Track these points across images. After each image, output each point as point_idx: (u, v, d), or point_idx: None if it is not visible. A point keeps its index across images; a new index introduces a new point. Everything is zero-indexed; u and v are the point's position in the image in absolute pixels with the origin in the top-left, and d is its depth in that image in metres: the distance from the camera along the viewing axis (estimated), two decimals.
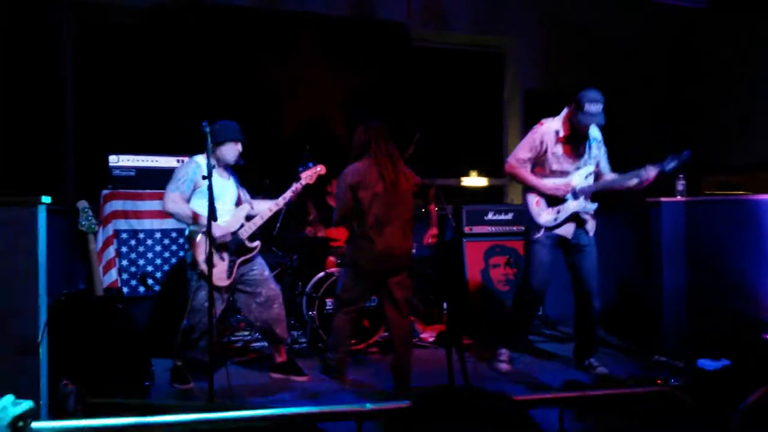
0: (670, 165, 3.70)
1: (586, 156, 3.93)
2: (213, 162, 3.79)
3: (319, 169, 4.07)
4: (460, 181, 6.60)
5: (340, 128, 6.13)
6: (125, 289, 4.57)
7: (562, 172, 3.91)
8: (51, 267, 3.13)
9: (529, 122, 4.23)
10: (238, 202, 4.03)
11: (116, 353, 3.41)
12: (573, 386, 3.49)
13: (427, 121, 5.36)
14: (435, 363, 4.42)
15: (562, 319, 5.51)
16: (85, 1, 5.33)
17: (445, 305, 5.42)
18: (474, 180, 6.62)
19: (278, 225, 4.86)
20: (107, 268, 4.54)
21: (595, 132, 3.98)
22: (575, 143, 3.89)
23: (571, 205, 3.91)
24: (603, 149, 4.06)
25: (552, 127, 3.88)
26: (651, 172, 3.70)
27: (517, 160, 3.97)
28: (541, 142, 3.87)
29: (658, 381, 3.68)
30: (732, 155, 5.76)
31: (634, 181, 3.79)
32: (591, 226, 4.02)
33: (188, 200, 3.79)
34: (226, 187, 3.93)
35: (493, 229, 5.52)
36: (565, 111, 3.93)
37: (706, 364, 3.84)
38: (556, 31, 6.51)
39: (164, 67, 5.43)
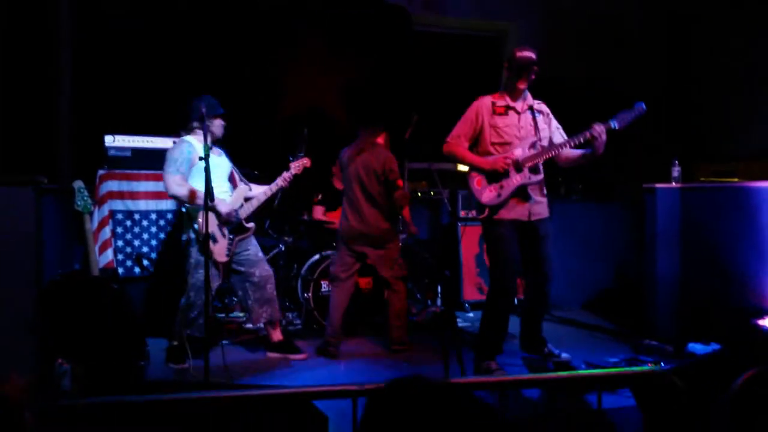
0: (623, 120, 3.41)
1: (527, 125, 3.64)
2: (202, 139, 3.79)
3: (305, 161, 4.19)
4: (456, 166, 6.59)
5: (339, 112, 6.11)
6: (120, 270, 4.58)
7: (502, 144, 3.60)
8: (47, 247, 3.14)
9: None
10: (231, 178, 4.06)
11: (111, 333, 3.42)
12: (563, 367, 3.54)
13: (426, 105, 5.35)
14: (429, 345, 4.45)
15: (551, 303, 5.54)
16: None
17: (439, 289, 5.45)
18: None
19: (277, 201, 4.87)
20: (103, 249, 4.54)
21: (539, 106, 3.75)
22: (515, 113, 3.64)
23: (514, 179, 3.54)
24: (555, 124, 3.78)
25: (488, 98, 3.68)
26: (597, 129, 3.38)
27: (452, 136, 3.70)
28: (477, 115, 3.63)
29: (648, 365, 3.72)
30: (727, 144, 5.76)
31: (583, 148, 3.53)
32: (537, 209, 3.66)
33: (187, 180, 3.81)
34: (217, 162, 3.94)
35: None
36: (501, 86, 3.78)
37: (697, 348, 3.89)
38: (555, 16, 6.47)
39: (162, 47, 5.39)
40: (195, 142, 3.87)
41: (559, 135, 3.77)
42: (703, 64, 6.07)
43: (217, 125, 3.92)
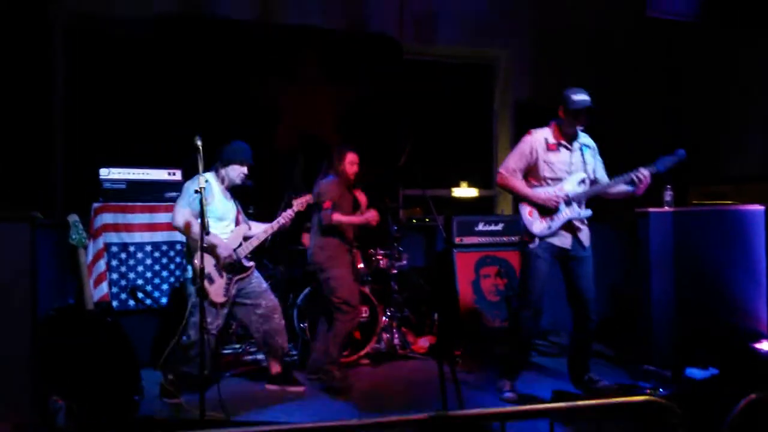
0: (665, 164, 3.69)
1: (578, 162, 3.90)
2: (219, 181, 3.95)
3: (308, 198, 4.20)
4: (450, 192, 6.63)
5: (334, 140, 6.15)
6: (115, 303, 4.56)
7: (554, 179, 3.86)
8: (41, 282, 3.12)
9: (520, 133, 4.26)
10: (236, 220, 4.07)
11: (106, 368, 3.39)
12: (562, 397, 3.52)
13: (418, 132, 5.39)
14: (426, 374, 4.43)
15: (552, 329, 5.54)
16: (77, 12, 5.32)
17: (436, 316, 5.43)
18: (464, 191, 6.66)
19: (269, 238, 4.87)
20: (98, 282, 4.52)
21: (587, 140, 3.99)
22: (566, 150, 3.88)
23: (564, 213, 3.82)
24: (598, 158, 4.03)
25: (542, 134, 3.89)
26: (644, 172, 3.67)
27: (508, 170, 3.92)
28: (531, 150, 3.85)
29: (647, 391, 3.71)
30: (720, 166, 5.82)
31: (627, 185, 3.78)
32: (585, 235, 3.94)
33: (197, 216, 3.80)
34: (228, 207, 3.99)
35: (484, 239, 5.54)
36: (552, 122, 3.97)
37: (695, 373, 3.88)
38: (546, 41, 6.57)
39: (157, 78, 5.42)
40: (211, 179, 3.91)
41: (600, 170, 4.02)
42: (698, 86, 6.15)
43: (235, 171, 3.94)
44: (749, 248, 4.25)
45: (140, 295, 4.65)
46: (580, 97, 3.76)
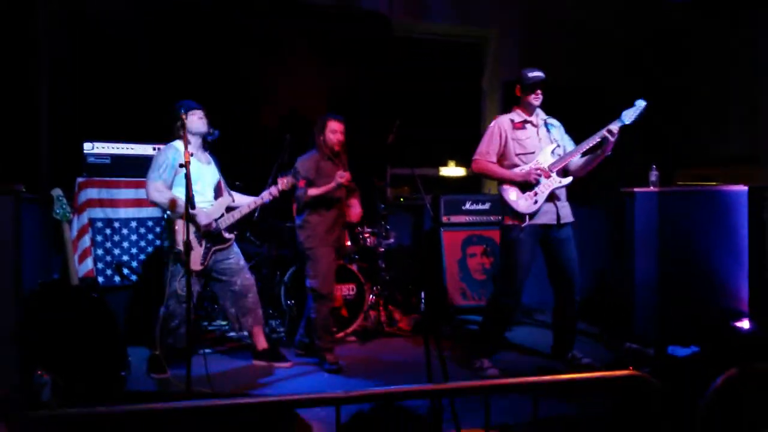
0: (630, 116, 3.72)
1: (545, 136, 3.95)
2: (190, 139, 3.78)
3: (292, 180, 4.12)
4: (438, 171, 6.63)
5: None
6: (100, 279, 4.53)
7: (526, 154, 3.90)
8: (26, 256, 3.09)
9: (508, 112, 4.27)
10: (218, 188, 4.02)
11: (92, 343, 3.39)
12: (545, 372, 3.56)
13: (407, 110, 5.37)
14: (413, 351, 4.47)
15: (538, 307, 5.59)
16: None
17: (422, 294, 5.46)
18: (452, 170, 6.66)
19: (257, 213, 4.85)
20: (83, 258, 4.49)
21: (551, 120, 4.04)
22: (532, 126, 3.96)
23: (546, 184, 3.84)
24: (566, 137, 4.06)
25: (506, 117, 4.00)
26: (612, 127, 3.70)
27: (481, 153, 3.96)
28: (500, 132, 3.94)
29: (630, 367, 3.76)
30: (706, 148, 5.86)
31: (595, 149, 3.80)
32: (566, 211, 3.95)
33: (170, 187, 3.77)
34: (204, 171, 3.93)
35: (471, 218, 5.56)
36: (514, 106, 4.05)
37: (677, 351, 3.94)
38: (537, 23, 6.53)
39: (142, 54, 5.35)
40: (182, 147, 3.80)
41: (571, 144, 4.02)
42: (685, 69, 6.16)
43: (196, 120, 3.86)
44: (732, 228, 4.30)
45: (126, 271, 4.63)
46: (534, 73, 3.88)
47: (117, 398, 3.34)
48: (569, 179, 3.90)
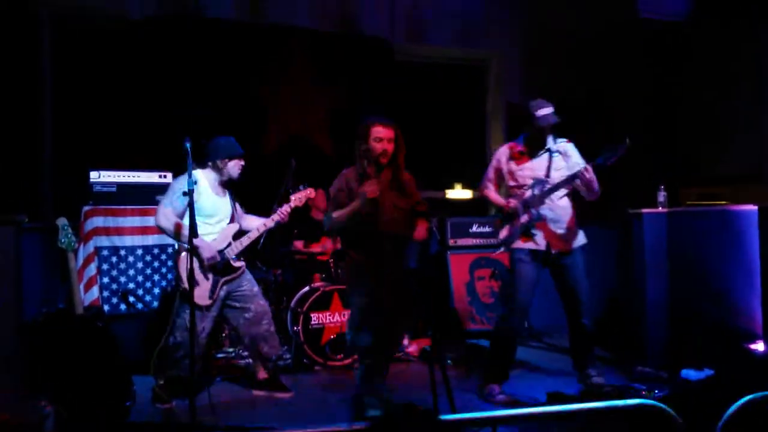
0: (606, 157, 3.58)
1: (542, 168, 3.87)
2: (216, 176, 3.84)
3: (309, 192, 4.08)
4: (444, 194, 6.60)
5: (325, 142, 6.12)
6: (106, 307, 4.52)
7: (519, 187, 3.93)
8: (30, 286, 3.08)
9: (512, 134, 4.29)
10: (232, 219, 3.97)
11: (97, 373, 3.35)
12: (556, 399, 3.49)
13: (411, 134, 5.35)
14: (419, 377, 4.40)
15: (546, 331, 5.52)
16: (66, 12, 5.28)
17: (429, 319, 5.39)
18: (458, 192, 6.63)
19: (262, 240, 4.83)
20: (88, 286, 4.48)
21: (559, 146, 3.95)
22: (532, 158, 3.91)
23: (521, 219, 3.84)
24: (576, 160, 3.92)
25: (508, 145, 4.05)
26: (586, 166, 3.64)
27: (483, 180, 4.15)
28: (498, 162, 4.03)
29: (643, 393, 3.69)
30: (712, 166, 5.82)
31: (576, 181, 3.72)
32: (568, 237, 3.88)
33: (181, 215, 3.74)
34: (220, 204, 3.87)
35: (478, 241, 5.53)
36: (522, 134, 4.04)
37: (690, 374, 3.87)
38: (539, 43, 6.57)
39: (147, 80, 5.39)
40: (201, 177, 3.79)
41: (578, 167, 3.87)
42: (690, 87, 6.15)
43: (232, 166, 3.83)
44: (743, 248, 4.24)
45: (131, 299, 4.61)
46: (544, 112, 3.79)
47: (121, 429, 3.30)
48: (552, 213, 3.84)
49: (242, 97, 5.74)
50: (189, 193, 3.22)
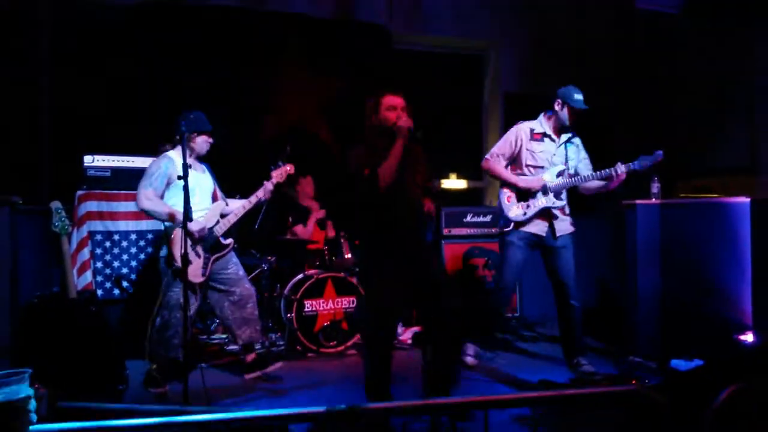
0: (642, 164, 3.77)
1: (561, 155, 4.07)
2: (189, 153, 3.77)
3: (288, 168, 4.06)
4: (439, 183, 6.61)
5: (321, 129, 6.11)
6: (99, 292, 4.51)
7: (535, 167, 4.05)
8: (25, 269, 3.07)
9: (509, 125, 4.29)
10: (214, 196, 3.98)
11: (90, 357, 3.36)
12: (547, 386, 3.52)
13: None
14: (413, 364, 4.42)
15: (539, 320, 5.56)
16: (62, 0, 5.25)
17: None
18: (454, 182, 6.64)
19: (257, 226, 4.84)
20: (82, 270, 4.47)
21: (573, 139, 4.14)
22: (551, 141, 4.07)
23: (540, 201, 4.01)
24: (583, 154, 4.18)
25: (528, 125, 4.10)
26: (620, 169, 3.80)
27: (492, 155, 4.16)
28: (517, 139, 4.06)
29: (634, 381, 3.72)
30: (706, 159, 5.84)
31: (603, 181, 3.92)
32: (563, 225, 4.08)
33: (161, 196, 3.73)
34: (201, 180, 3.88)
35: (472, 231, 5.54)
36: (542, 114, 4.13)
37: (680, 364, 3.90)
38: (537, 34, 6.56)
39: (143, 66, 5.37)
40: (176, 157, 3.76)
41: (584, 166, 4.17)
42: (685, 80, 6.16)
43: (201, 142, 3.82)
44: (735, 240, 4.28)
45: (125, 283, 4.61)
46: (580, 97, 3.96)
47: (113, 412, 3.31)
48: (563, 202, 4.07)
49: (239, 84, 5.72)
50: (183, 177, 3.20)
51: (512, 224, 4.04)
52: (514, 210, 4.04)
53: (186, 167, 3.23)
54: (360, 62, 6.03)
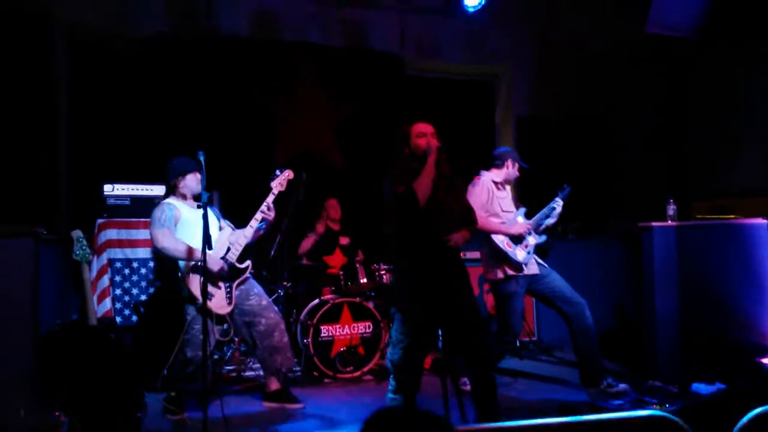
0: (563, 195, 4.29)
1: (514, 200, 4.43)
2: (180, 197, 3.89)
3: (287, 173, 4.03)
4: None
5: (335, 156, 6.18)
6: (119, 319, 4.56)
7: (510, 211, 4.28)
8: (45, 297, 3.12)
9: (522, 148, 4.35)
10: (220, 228, 4.01)
11: (109, 384, 3.38)
12: (567, 410, 3.50)
13: None
14: (430, 389, 4.39)
15: (557, 344, 5.51)
16: (80, 29, 5.37)
17: (439, 331, 5.39)
18: None
19: (273, 251, 4.87)
20: (101, 298, 4.53)
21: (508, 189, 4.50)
22: (504, 190, 4.38)
23: (531, 239, 4.22)
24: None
25: (489, 177, 4.32)
26: (558, 202, 4.27)
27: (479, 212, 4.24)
28: (488, 191, 4.24)
29: (655, 406, 3.68)
30: (723, 180, 5.82)
31: (547, 213, 4.29)
32: (540, 258, 4.32)
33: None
34: (200, 218, 3.90)
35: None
36: (492, 168, 4.37)
37: (701, 388, 3.85)
38: (548, 58, 6.61)
39: (160, 95, 5.48)
40: (175, 202, 3.86)
41: None
42: (699, 101, 6.17)
43: (190, 181, 3.88)
44: (753, 262, 4.24)
45: (143, 310, 4.64)
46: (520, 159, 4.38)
47: None
48: (544, 237, 4.30)
49: (253, 112, 5.81)
50: (203, 205, 3.26)
51: (523, 266, 4.11)
52: (519, 252, 4.14)
53: (205, 195, 3.28)
54: (372, 89, 6.11)
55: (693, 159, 6.13)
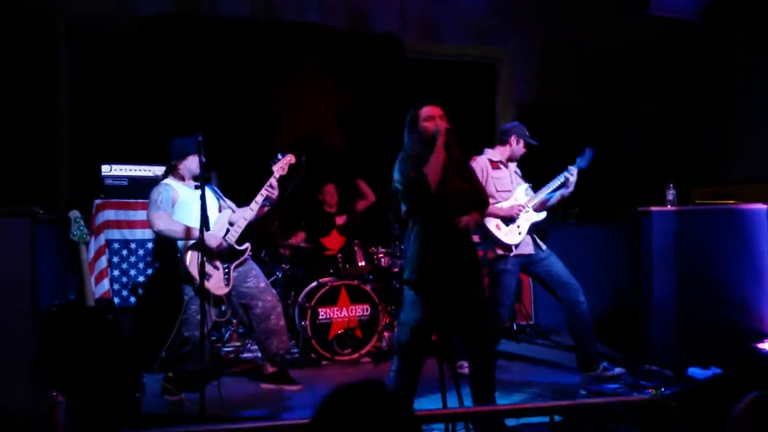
0: (584, 160, 4.12)
1: (515, 178, 4.32)
2: (179, 178, 3.88)
3: (288, 158, 4.02)
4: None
5: (335, 139, 6.15)
6: (116, 300, 4.56)
7: (505, 191, 4.22)
8: (42, 277, 3.11)
9: None
10: (220, 209, 4.00)
11: (107, 365, 3.39)
12: (562, 394, 3.52)
13: None
14: (427, 372, 4.41)
15: (554, 328, 5.53)
16: (80, 11, 5.33)
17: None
18: None
19: (275, 228, 4.87)
20: (99, 279, 4.52)
21: (517, 168, 4.39)
22: (505, 168, 4.31)
23: (526, 218, 4.17)
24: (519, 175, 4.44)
25: (486, 157, 4.28)
26: (572, 170, 4.09)
27: None
28: (482, 170, 4.17)
29: (650, 390, 3.70)
30: (724, 167, 5.81)
31: (560, 183, 4.15)
32: (537, 240, 4.25)
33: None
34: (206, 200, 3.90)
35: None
36: (495, 147, 4.33)
37: (696, 372, 3.87)
38: (550, 44, 6.55)
39: (159, 76, 5.43)
40: (173, 183, 3.85)
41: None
42: (700, 88, 6.13)
43: (191, 163, 3.85)
44: (752, 247, 4.24)
45: (141, 291, 4.65)
46: (528, 134, 4.29)
47: (132, 421, 3.34)
48: (544, 214, 4.25)
49: (253, 93, 5.77)
50: (201, 186, 3.24)
51: (513, 247, 4.10)
52: (510, 235, 4.12)
53: (203, 174, 3.27)
54: (374, 71, 6.06)
55: (694, 145, 6.11)
